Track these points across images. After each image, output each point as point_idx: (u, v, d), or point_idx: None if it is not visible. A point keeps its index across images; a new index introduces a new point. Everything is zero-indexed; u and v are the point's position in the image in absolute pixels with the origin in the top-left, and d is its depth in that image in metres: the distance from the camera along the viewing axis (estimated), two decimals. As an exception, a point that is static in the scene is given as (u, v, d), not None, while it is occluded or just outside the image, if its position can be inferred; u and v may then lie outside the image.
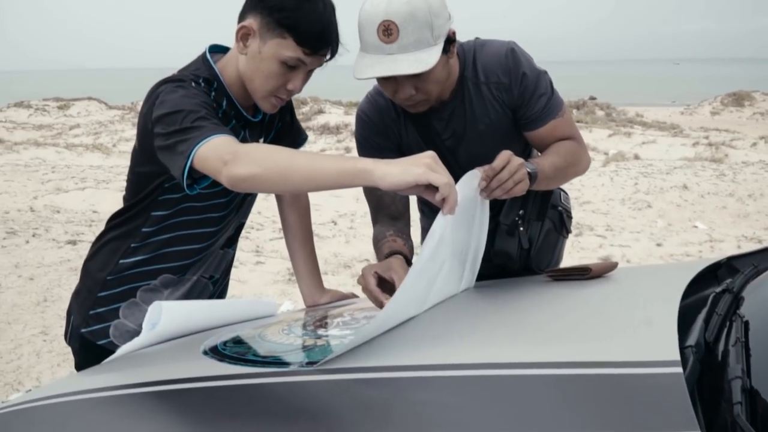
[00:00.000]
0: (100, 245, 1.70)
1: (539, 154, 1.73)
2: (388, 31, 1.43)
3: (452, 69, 1.62)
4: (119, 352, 1.54)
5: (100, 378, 1.37)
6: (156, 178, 1.57)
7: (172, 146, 1.37)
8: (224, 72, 1.55)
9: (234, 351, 1.31)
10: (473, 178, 1.38)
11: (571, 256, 5.25)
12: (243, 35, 1.49)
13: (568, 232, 1.83)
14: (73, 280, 4.93)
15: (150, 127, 1.44)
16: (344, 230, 6.18)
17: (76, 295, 1.73)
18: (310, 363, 1.13)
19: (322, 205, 7.14)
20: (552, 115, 1.65)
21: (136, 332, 1.57)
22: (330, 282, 4.84)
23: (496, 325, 1.24)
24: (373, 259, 5.24)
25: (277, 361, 1.19)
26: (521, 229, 1.69)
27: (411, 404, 0.96)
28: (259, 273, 5.00)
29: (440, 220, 1.23)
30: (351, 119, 14.97)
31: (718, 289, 1.29)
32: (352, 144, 12.50)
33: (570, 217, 1.83)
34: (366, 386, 1.05)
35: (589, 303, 1.32)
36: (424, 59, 1.44)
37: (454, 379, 1.01)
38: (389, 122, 1.73)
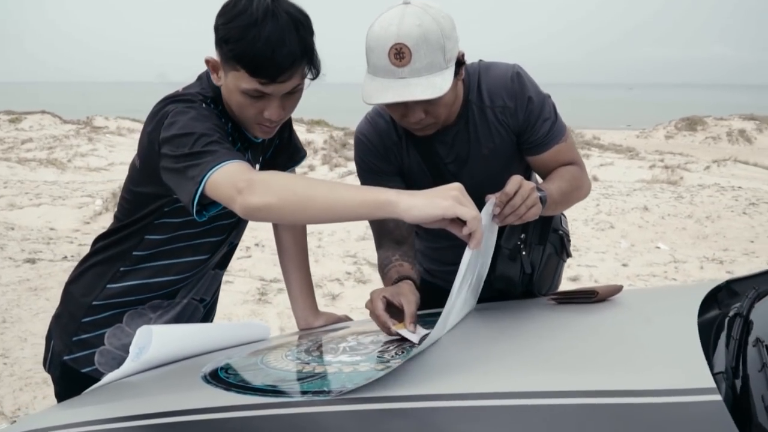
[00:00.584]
0: (85, 267, 1.62)
1: (539, 179, 1.72)
2: (400, 54, 1.39)
3: (459, 92, 1.59)
4: (105, 379, 1.47)
5: (94, 410, 1.30)
6: (156, 200, 1.50)
7: (181, 170, 1.31)
8: (223, 92, 1.49)
9: (239, 379, 1.25)
10: (490, 206, 1.35)
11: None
12: (213, 66, 1.44)
13: (569, 255, 1.82)
14: (32, 300, 4.78)
15: (157, 148, 1.38)
16: (312, 249, 6.09)
17: (57, 319, 1.65)
18: (324, 392, 1.09)
19: (287, 224, 7.05)
20: (556, 140, 1.64)
21: (123, 359, 1.51)
22: (301, 302, 4.76)
23: (514, 351, 1.21)
24: (345, 279, 5.17)
25: (289, 390, 1.14)
26: (523, 253, 1.66)
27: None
28: (228, 292, 4.90)
29: (467, 255, 1.20)
30: (314, 137, 14.95)
31: (731, 313, 1.28)
32: (316, 162, 12.50)
33: (569, 240, 1.82)
34: (390, 417, 1.01)
35: (604, 328, 1.30)
36: (437, 84, 1.41)
37: (482, 409, 0.97)
38: (390, 145, 1.68)
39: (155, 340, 1.47)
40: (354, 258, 5.81)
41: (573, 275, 5.44)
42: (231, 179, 1.24)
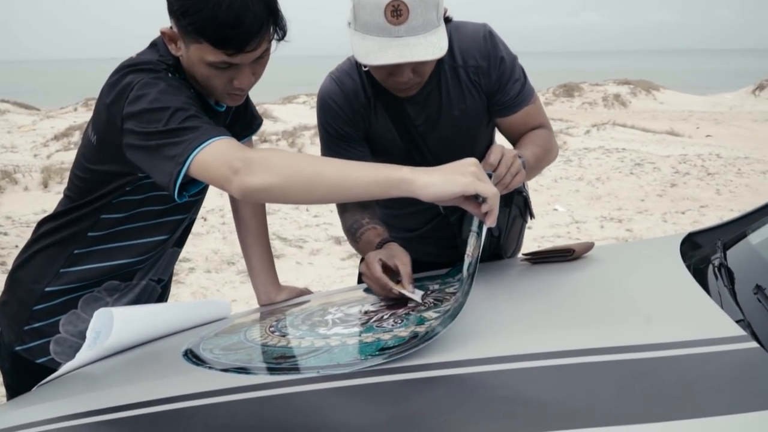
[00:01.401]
0: (33, 252, 1.47)
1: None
2: (397, 12, 1.32)
3: None
4: (64, 369, 1.36)
5: (61, 404, 1.18)
6: (117, 179, 1.37)
7: (155, 148, 1.20)
8: (184, 63, 1.36)
9: (234, 359, 1.17)
10: None
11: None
12: (169, 38, 1.32)
13: (532, 216, 1.82)
14: None
15: (119, 124, 1.25)
16: (217, 226, 5.90)
17: (3, 307, 1.50)
18: (341, 365, 1.03)
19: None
20: (526, 102, 1.62)
21: (80, 346, 1.39)
22: (216, 280, 4.62)
23: (526, 312, 1.19)
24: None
25: (301, 366, 1.07)
26: None
27: (489, 401, 0.89)
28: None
29: (472, 238, 1.18)
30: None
31: (715, 263, 1.31)
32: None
33: (529, 202, 1.82)
34: (417, 386, 0.96)
35: (604, 285, 1.31)
36: (435, 43, 1.36)
37: (510, 372, 0.95)
38: (358, 107, 1.60)
39: (116, 323, 1.36)
40: (263, 232, 5.67)
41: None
42: (223, 158, 1.14)
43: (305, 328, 1.29)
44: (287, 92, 19.54)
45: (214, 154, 1.15)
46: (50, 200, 7.07)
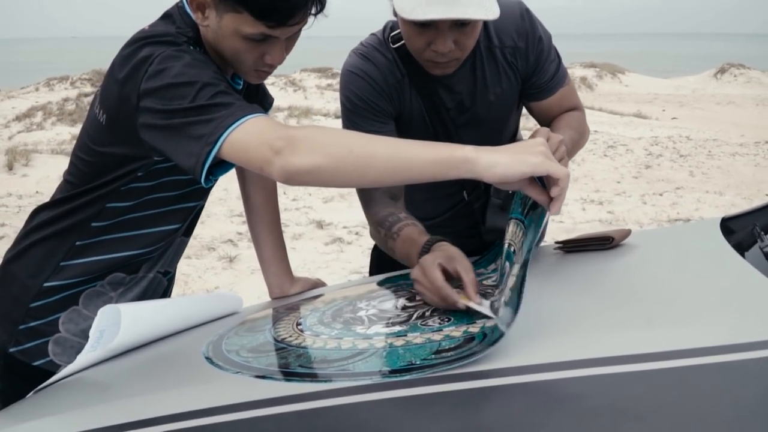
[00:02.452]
0: (29, 243, 1.34)
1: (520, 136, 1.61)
2: None
3: None
4: (64, 371, 1.23)
5: (78, 416, 1.06)
6: (129, 163, 1.25)
7: (179, 127, 1.08)
8: (209, 34, 1.24)
9: (266, 363, 1.06)
10: None
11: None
12: (198, 5, 1.19)
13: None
14: None
15: (135, 101, 1.12)
16: (193, 210, 5.75)
17: None
18: (396, 371, 0.93)
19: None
20: (561, 83, 1.52)
21: (82, 346, 1.26)
22: (197, 266, 4.48)
23: (588, 311, 1.09)
24: (237, 239, 4.87)
25: (350, 372, 0.96)
26: None
27: (581, 412, 0.79)
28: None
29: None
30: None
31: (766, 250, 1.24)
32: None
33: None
34: (491, 394, 0.86)
35: (661, 275, 1.21)
36: (486, 6, 1.23)
37: (619, 375, 0.86)
38: (393, 83, 1.45)
39: (124, 321, 1.24)
40: (241, 217, 5.51)
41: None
42: (263, 137, 1.03)
43: (339, 327, 1.18)
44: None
45: (252, 133, 1.04)
46: (15, 183, 6.82)
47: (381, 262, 1.79)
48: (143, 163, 1.24)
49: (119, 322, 1.26)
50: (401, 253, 1.37)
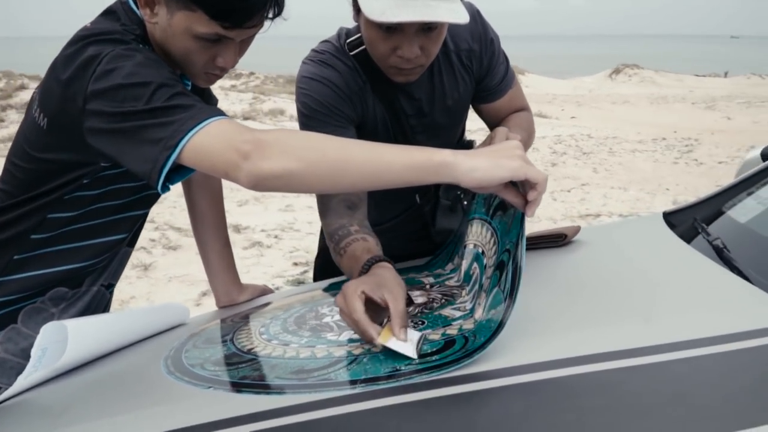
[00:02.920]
0: None
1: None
2: None
3: None
4: (7, 393, 1.13)
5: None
6: (73, 170, 1.16)
7: (130, 131, 1.01)
8: (157, 32, 1.17)
9: (239, 376, 1.01)
10: None
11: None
12: (146, 1, 1.13)
13: None
14: None
15: (80, 103, 1.04)
16: (100, 218, 5.51)
17: None
18: (382, 378, 0.91)
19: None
20: (510, 84, 1.52)
21: (23, 367, 1.17)
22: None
23: (569, 304, 1.10)
24: (151, 246, 4.69)
25: (333, 381, 0.93)
26: (465, 203, 1.56)
27: (582, 410, 0.79)
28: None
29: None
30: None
31: (715, 244, 1.29)
32: None
33: None
34: (505, 394, 0.85)
35: (624, 270, 1.24)
36: (456, 10, 1.20)
37: (590, 375, 0.86)
38: (356, 89, 1.41)
39: (72, 338, 1.16)
40: (154, 223, 5.32)
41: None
42: (228, 141, 0.97)
43: (308, 335, 1.14)
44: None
45: (216, 136, 0.98)
46: None
47: (325, 270, 1.76)
48: (89, 170, 1.16)
49: (64, 339, 1.17)
50: (346, 270, 1.30)
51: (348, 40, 1.41)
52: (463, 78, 1.47)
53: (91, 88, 1.03)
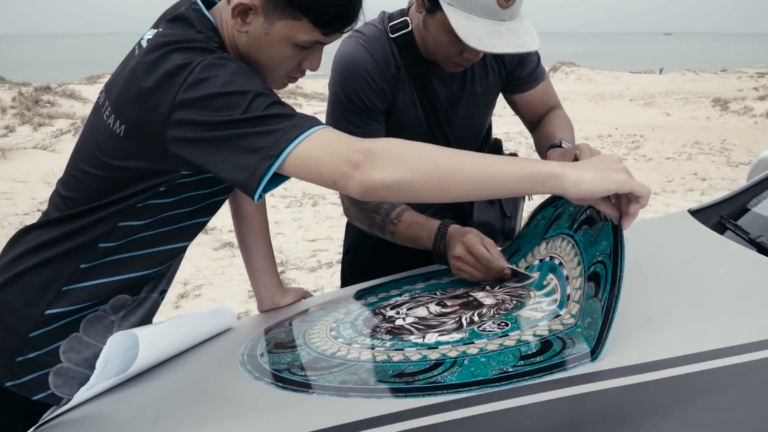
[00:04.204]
0: (23, 269, 1.18)
1: (558, 135, 1.66)
2: None
3: None
4: (73, 401, 1.11)
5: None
6: (151, 179, 1.14)
7: (226, 140, 1.00)
8: (247, 41, 1.17)
9: (339, 380, 1.01)
10: None
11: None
12: (241, 11, 1.12)
13: (530, 196, 1.79)
14: None
15: (166, 112, 1.03)
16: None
17: None
18: (488, 381, 0.93)
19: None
20: (542, 77, 1.61)
21: (86, 378, 1.15)
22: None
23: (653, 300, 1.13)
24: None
25: (440, 384, 0.94)
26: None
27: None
28: None
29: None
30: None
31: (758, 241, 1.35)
32: (14, 122, 10.51)
33: None
34: (635, 392, 0.88)
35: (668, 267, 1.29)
36: (533, 32, 1.31)
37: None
38: (388, 76, 1.49)
39: (143, 346, 1.15)
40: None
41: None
42: (336, 150, 0.98)
43: (389, 338, 1.15)
44: (88, 72, 18.24)
45: (323, 146, 0.99)
46: None
47: (354, 268, 1.78)
48: (168, 178, 1.14)
49: (128, 348, 1.16)
50: (405, 237, 1.44)
51: (391, 23, 1.48)
52: (493, 67, 1.56)
53: (181, 97, 1.02)
